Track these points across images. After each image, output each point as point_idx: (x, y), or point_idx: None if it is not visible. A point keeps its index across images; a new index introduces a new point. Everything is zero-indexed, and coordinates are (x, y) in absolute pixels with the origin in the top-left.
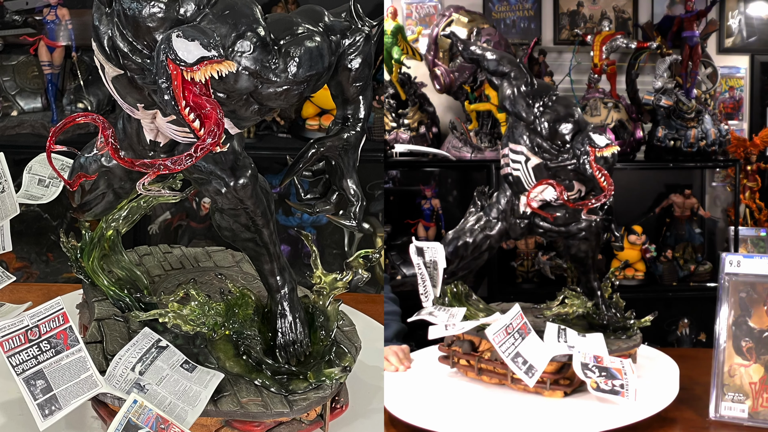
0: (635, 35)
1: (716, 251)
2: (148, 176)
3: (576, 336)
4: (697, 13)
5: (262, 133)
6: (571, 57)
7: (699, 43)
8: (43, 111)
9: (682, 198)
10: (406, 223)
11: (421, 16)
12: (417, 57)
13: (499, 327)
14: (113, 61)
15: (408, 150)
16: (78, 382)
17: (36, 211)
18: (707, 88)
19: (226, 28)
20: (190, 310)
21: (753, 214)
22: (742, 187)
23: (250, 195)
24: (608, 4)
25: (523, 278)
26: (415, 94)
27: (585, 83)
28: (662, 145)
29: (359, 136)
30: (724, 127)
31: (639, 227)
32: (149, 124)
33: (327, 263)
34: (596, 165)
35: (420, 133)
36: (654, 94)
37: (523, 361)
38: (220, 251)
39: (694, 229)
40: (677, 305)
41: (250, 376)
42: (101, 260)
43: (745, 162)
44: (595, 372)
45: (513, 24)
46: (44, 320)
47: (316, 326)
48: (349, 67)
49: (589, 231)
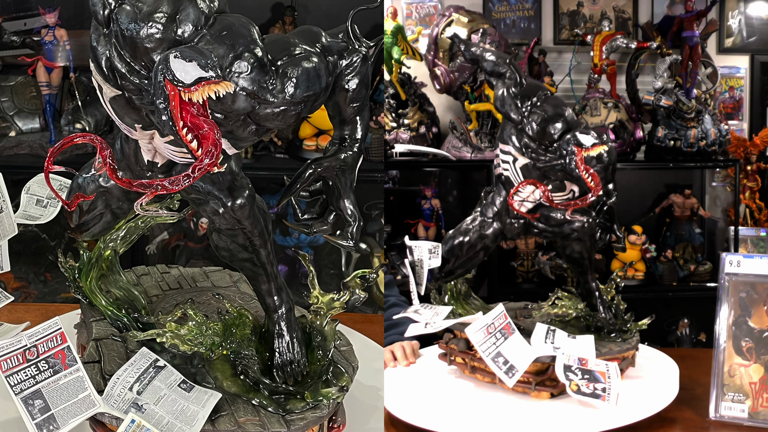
0: (635, 35)
1: (716, 251)
2: (146, 196)
3: (565, 337)
4: (697, 13)
5: (259, 153)
6: (571, 57)
7: (699, 43)
8: (41, 131)
9: (682, 198)
10: (406, 223)
11: (421, 16)
12: (417, 57)
13: (480, 326)
14: (111, 82)
15: (408, 150)
16: (76, 401)
17: (34, 231)
18: (707, 88)
19: (224, 48)
20: (187, 330)
21: (753, 214)
22: (742, 187)
23: (248, 215)
24: (608, 4)
25: (523, 278)
26: (415, 94)
27: (585, 83)
28: (662, 145)
29: (356, 157)
30: (724, 127)
31: (639, 227)
32: (147, 145)
33: (324, 283)
34: (583, 165)
35: (420, 133)
36: (654, 94)
37: (504, 361)
38: (218, 271)
39: (694, 229)
40: (677, 305)
41: (247, 396)
42: (99, 280)
43: (745, 162)
44: (577, 374)
45: (513, 24)
46: (42, 340)
47: (314, 346)
48: (346, 87)
49: (582, 232)
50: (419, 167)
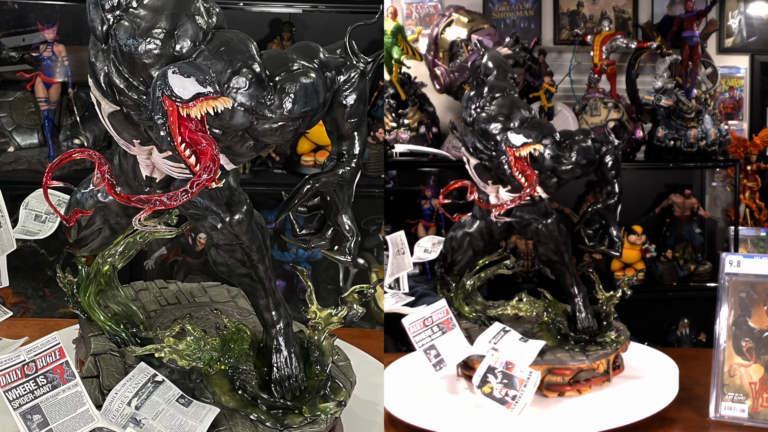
0: (635, 35)
1: (716, 251)
2: (144, 212)
3: (515, 340)
4: (697, 13)
5: (257, 168)
6: (571, 57)
7: (699, 43)
8: (39, 147)
9: (682, 198)
10: (406, 223)
11: (421, 16)
12: (417, 57)
13: (416, 318)
14: (109, 98)
15: (408, 150)
16: (74, 416)
17: (33, 246)
18: (707, 88)
19: (222, 64)
20: (185, 345)
21: (753, 214)
22: (742, 187)
23: (246, 230)
24: (608, 4)
25: (523, 278)
26: (415, 94)
27: (585, 83)
28: (662, 145)
29: (354, 172)
30: (724, 127)
31: (639, 227)
32: (145, 160)
33: (322, 298)
34: (516, 164)
35: (420, 133)
36: (654, 94)
37: (435, 354)
38: (216, 286)
39: (694, 229)
40: (677, 305)
41: (245, 411)
42: (97, 295)
43: (745, 162)
44: (497, 378)
45: (513, 24)
46: (41, 355)
47: (312, 361)
48: (344, 103)
49: (541, 234)
50: (419, 167)
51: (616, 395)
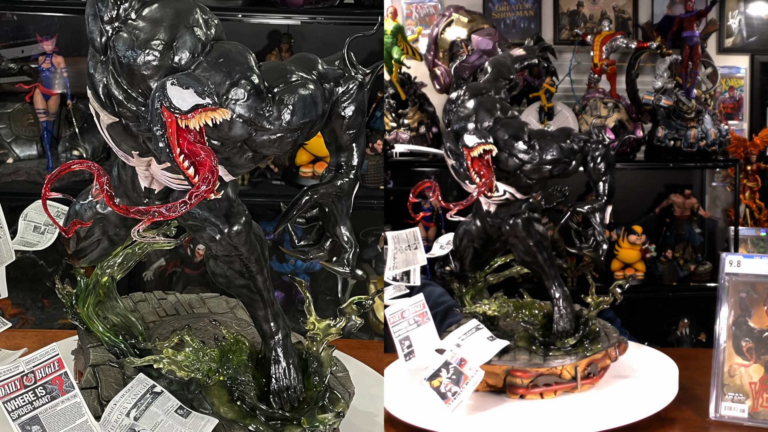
0: (635, 35)
1: (716, 251)
2: (143, 223)
3: (482, 338)
4: (697, 13)
5: (256, 180)
6: (571, 57)
7: (699, 43)
8: (38, 158)
9: (682, 198)
10: (407, 223)
11: (421, 16)
12: (417, 57)
13: (396, 310)
14: (108, 109)
15: (408, 150)
16: (73, 427)
17: (31, 257)
18: (707, 88)
19: (221, 75)
20: (184, 356)
21: (753, 214)
22: (742, 187)
23: (245, 242)
24: (608, 4)
25: (523, 278)
26: (415, 94)
27: (585, 83)
28: (662, 145)
29: (353, 183)
30: (724, 127)
31: (639, 227)
32: (144, 171)
33: (320, 309)
34: (474, 165)
35: (420, 133)
36: (654, 94)
37: (408, 345)
38: (215, 297)
39: (694, 229)
40: (677, 305)
41: (244, 422)
42: (96, 306)
43: (745, 162)
44: (449, 372)
45: (513, 24)
46: (40, 366)
47: (310, 372)
48: (342, 114)
49: (507, 234)
50: (419, 167)
51: (616, 395)
